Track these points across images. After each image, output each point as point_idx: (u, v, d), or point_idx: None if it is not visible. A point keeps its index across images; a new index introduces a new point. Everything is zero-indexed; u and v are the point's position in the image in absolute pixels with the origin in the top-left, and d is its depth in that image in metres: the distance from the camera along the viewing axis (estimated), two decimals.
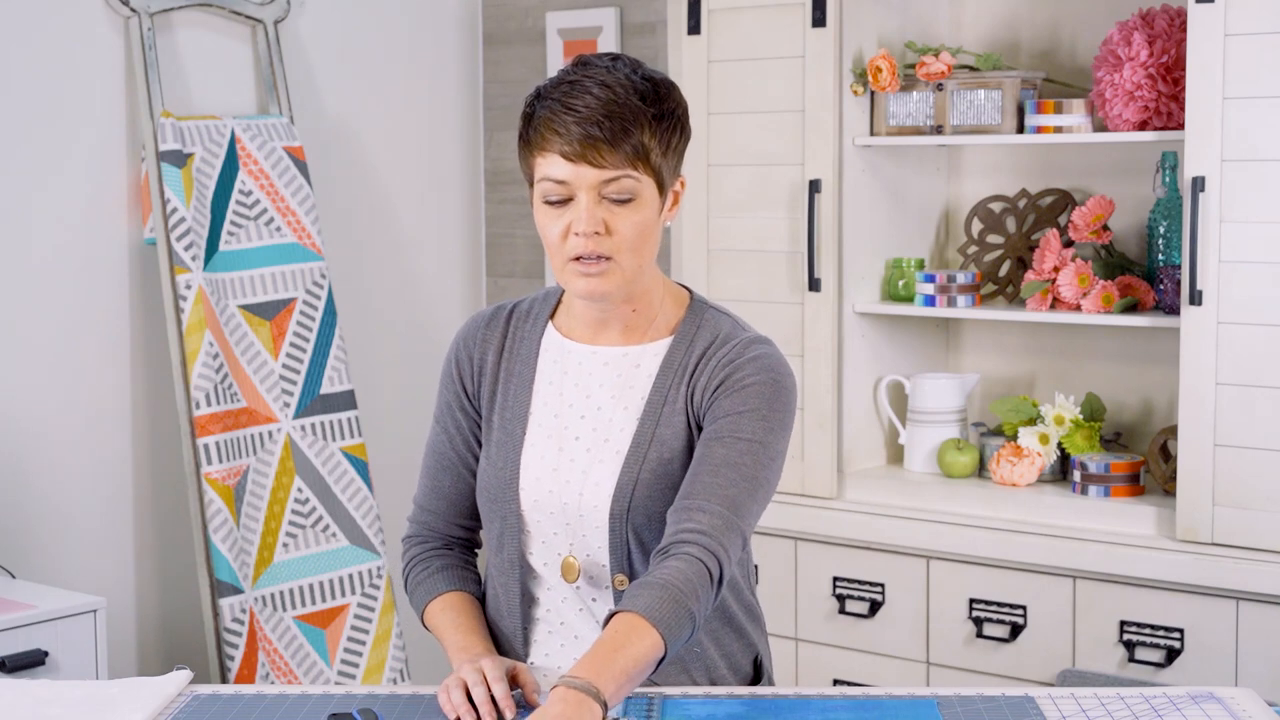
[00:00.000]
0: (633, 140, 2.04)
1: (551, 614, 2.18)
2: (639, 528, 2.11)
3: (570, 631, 2.17)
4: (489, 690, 1.99)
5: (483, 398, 2.22)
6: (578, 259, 2.06)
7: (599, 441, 2.14)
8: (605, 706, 1.90)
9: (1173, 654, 3.22)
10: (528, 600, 2.18)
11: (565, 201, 2.06)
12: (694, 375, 2.13)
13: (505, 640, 2.21)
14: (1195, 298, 3.17)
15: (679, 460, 2.11)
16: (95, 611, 3.34)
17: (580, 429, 2.15)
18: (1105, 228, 3.54)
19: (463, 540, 2.30)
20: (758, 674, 2.24)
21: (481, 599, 2.26)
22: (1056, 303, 3.50)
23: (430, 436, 2.28)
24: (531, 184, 2.11)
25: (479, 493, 2.21)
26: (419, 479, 2.30)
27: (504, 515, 2.16)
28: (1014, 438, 3.62)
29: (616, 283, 2.08)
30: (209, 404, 3.74)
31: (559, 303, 2.23)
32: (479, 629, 2.19)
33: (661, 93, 2.08)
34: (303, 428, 3.92)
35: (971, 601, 3.45)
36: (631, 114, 2.04)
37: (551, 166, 2.05)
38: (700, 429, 2.12)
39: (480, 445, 2.24)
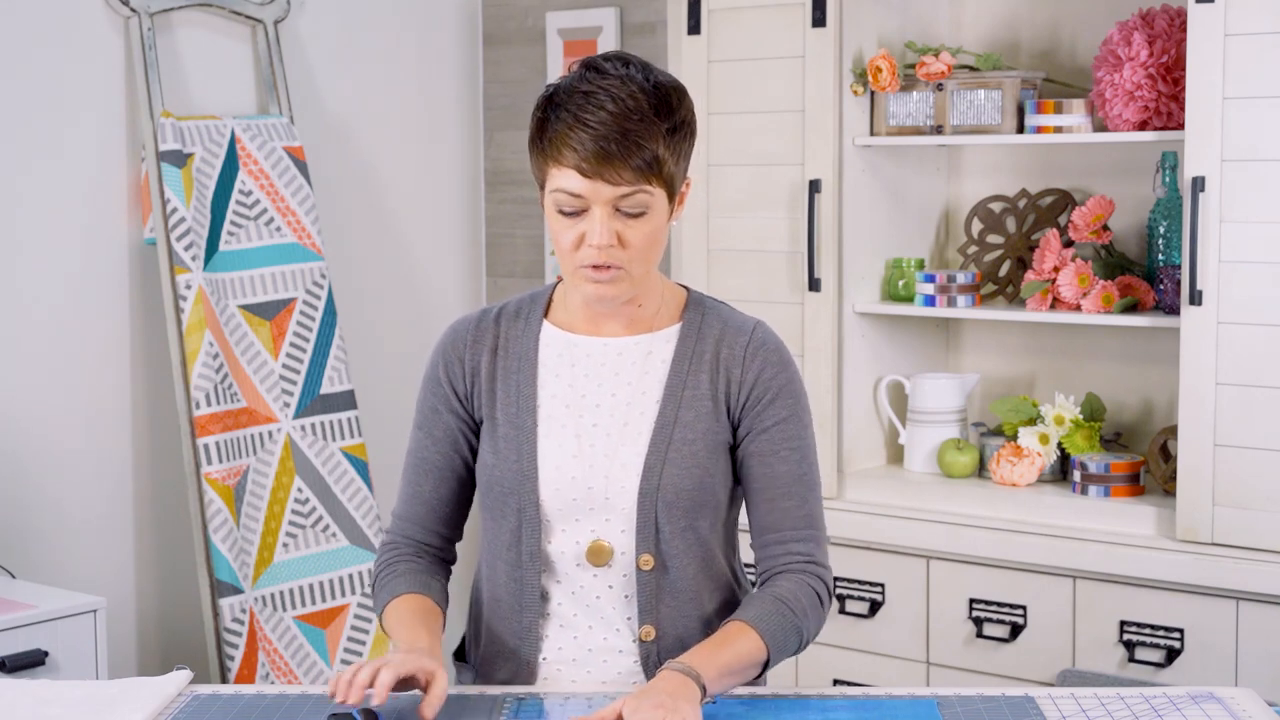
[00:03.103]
0: (646, 155, 2.07)
1: (564, 608, 2.18)
2: (668, 504, 2.14)
3: (584, 623, 2.18)
4: (373, 674, 1.95)
5: (478, 398, 2.22)
6: (590, 266, 2.10)
7: (619, 426, 2.17)
8: (704, 690, 2.00)
9: (1173, 654, 3.22)
10: (543, 596, 2.19)
11: (578, 211, 2.09)
12: (718, 364, 2.18)
13: (514, 640, 2.20)
14: (1195, 298, 3.17)
15: (702, 441, 2.16)
16: (95, 611, 3.34)
17: (598, 416, 2.18)
18: (1105, 228, 3.54)
19: (436, 550, 2.27)
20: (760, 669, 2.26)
21: (444, 604, 2.23)
22: (1056, 303, 3.50)
23: (411, 445, 2.28)
24: (542, 186, 2.13)
25: (486, 492, 2.21)
26: (399, 488, 2.29)
27: (520, 507, 2.16)
28: (1014, 438, 3.62)
29: (625, 287, 2.13)
30: (209, 404, 3.74)
31: (551, 300, 2.25)
32: (427, 624, 2.15)
33: (674, 102, 2.11)
34: (303, 428, 3.93)
35: (971, 601, 3.45)
36: (646, 128, 2.07)
37: (566, 179, 2.08)
38: (734, 424, 2.18)
39: (469, 448, 2.24)
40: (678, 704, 1.93)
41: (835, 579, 3.61)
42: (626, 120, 2.05)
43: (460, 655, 2.32)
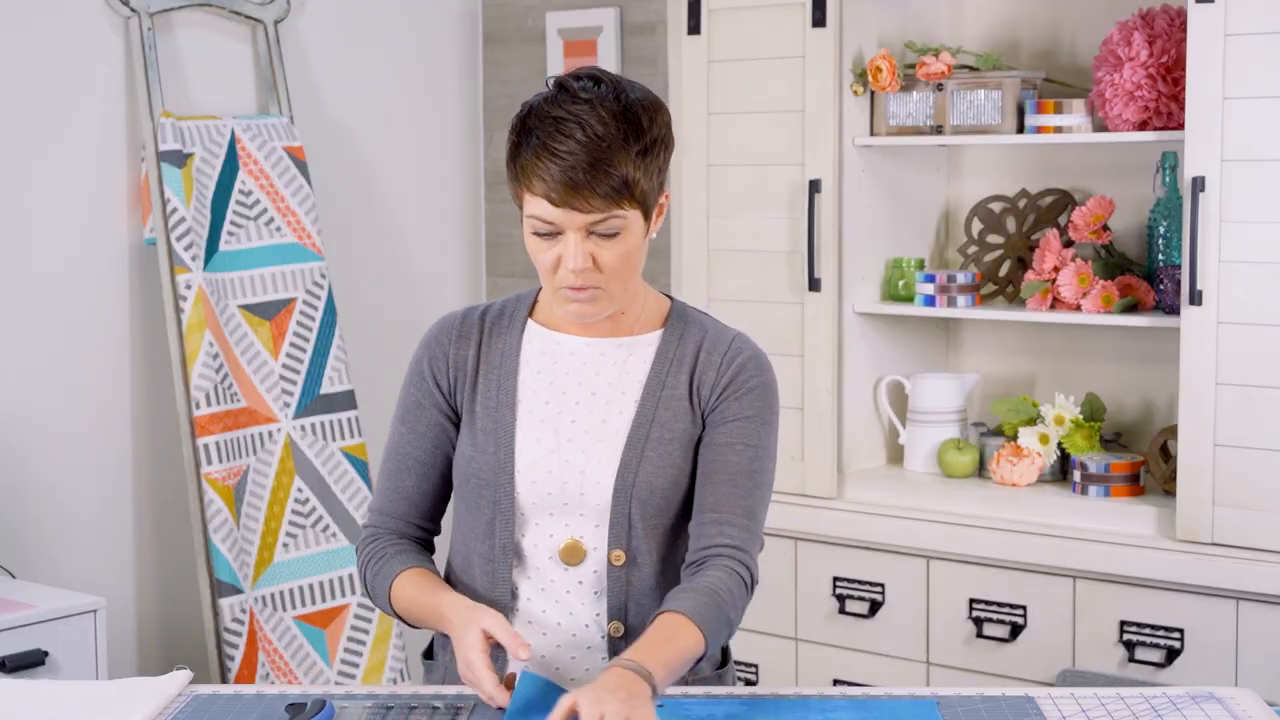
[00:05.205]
0: (615, 181, 2.07)
1: (532, 603, 2.19)
2: (642, 501, 2.16)
3: (552, 619, 2.19)
4: (510, 639, 2.03)
5: (461, 393, 2.24)
6: (568, 288, 2.12)
7: (597, 423, 2.19)
8: (654, 689, 1.96)
9: (1173, 654, 3.22)
10: (513, 593, 2.20)
11: (553, 235, 2.11)
12: (696, 367, 2.20)
13: None
14: (1195, 298, 3.17)
15: (678, 441, 2.18)
16: (95, 611, 3.34)
17: (576, 414, 2.19)
18: (1105, 228, 3.54)
19: (418, 541, 2.28)
20: (724, 658, 2.28)
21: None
22: (1056, 303, 3.50)
23: (391, 440, 2.29)
24: (520, 206, 2.15)
25: (463, 484, 2.22)
26: (376, 483, 2.29)
27: (496, 500, 2.18)
28: (1014, 438, 3.62)
29: (604, 305, 2.15)
30: (209, 404, 3.74)
31: (536, 300, 2.28)
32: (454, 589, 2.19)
33: (644, 123, 2.10)
34: (303, 428, 3.93)
35: (971, 601, 3.45)
36: (615, 155, 2.07)
37: (538, 206, 2.10)
38: (703, 418, 2.19)
39: (451, 443, 2.25)
40: (634, 703, 1.90)
41: (835, 579, 3.62)
42: (595, 149, 2.05)
43: (429, 654, 2.32)
